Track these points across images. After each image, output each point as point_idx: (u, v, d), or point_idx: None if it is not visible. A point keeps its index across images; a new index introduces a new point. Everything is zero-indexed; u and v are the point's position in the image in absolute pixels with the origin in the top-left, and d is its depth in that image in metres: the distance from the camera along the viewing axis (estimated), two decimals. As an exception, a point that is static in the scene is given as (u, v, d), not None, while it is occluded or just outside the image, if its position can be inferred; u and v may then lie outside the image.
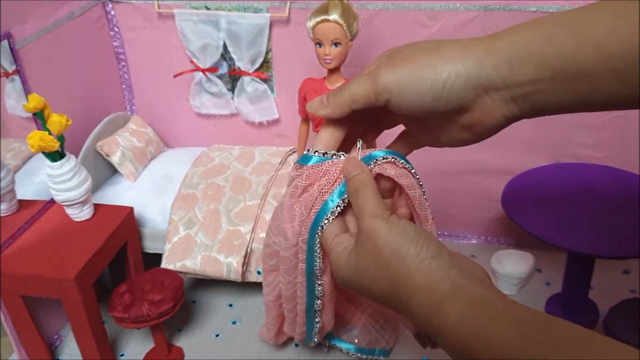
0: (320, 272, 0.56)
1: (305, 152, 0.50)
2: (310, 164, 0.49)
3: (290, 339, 0.86)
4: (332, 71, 0.73)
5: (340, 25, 0.69)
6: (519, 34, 0.44)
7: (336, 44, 0.70)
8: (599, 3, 0.43)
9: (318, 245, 0.51)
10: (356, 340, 0.80)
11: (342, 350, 0.81)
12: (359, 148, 0.50)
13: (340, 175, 0.49)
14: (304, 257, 0.56)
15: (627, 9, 0.42)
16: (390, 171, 0.48)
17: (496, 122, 0.47)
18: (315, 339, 0.76)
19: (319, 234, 0.50)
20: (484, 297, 0.39)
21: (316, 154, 0.50)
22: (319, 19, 0.68)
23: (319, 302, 0.66)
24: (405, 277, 0.42)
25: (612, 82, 0.42)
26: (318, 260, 0.54)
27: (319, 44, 0.71)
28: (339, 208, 0.48)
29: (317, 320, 0.72)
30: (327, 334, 0.82)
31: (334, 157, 0.49)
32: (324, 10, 0.68)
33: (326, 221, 0.49)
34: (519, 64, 0.44)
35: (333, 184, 0.49)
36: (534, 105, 0.46)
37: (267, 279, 0.77)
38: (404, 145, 0.54)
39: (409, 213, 0.50)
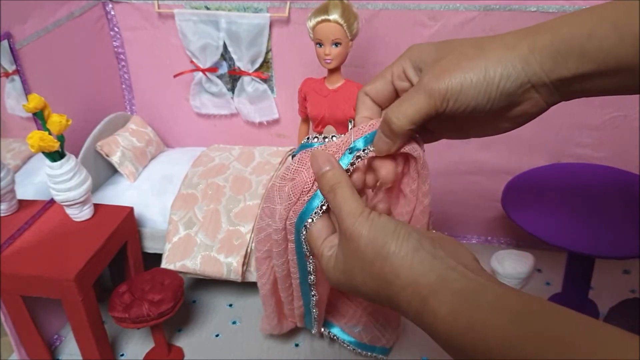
0: (309, 253, 0.54)
1: (304, 141, 0.50)
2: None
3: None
4: (332, 71, 0.73)
5: (341, 25, 0.68)
6: (560, 30, 0.45)
7: (336, 44, 0.70)
8: None
9: (305, 242, 0.51)
10: (358, 336, 0.80)
11: (343, 342, 0.81)
12: (350, 129, 0.49)
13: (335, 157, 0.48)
14: (293, 238, 0.55)
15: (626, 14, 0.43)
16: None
17: (539, 110, 0.49)
18: (315, 315, 0.76)
19: (304, 232, 0.49)
20: (472, 288, 0.39)
21: (315, 140, 0.50)
22: (319, 18, 0.68)
23: (312, 277, 0.64)
24: (391, 275, 0.42)
25: None
26: (305, 247, 0.53)
27: (319, 44, 0.71)
28: (323, 207, 0.48)
29: (313, 293, 0.72)
30: (329, 324, 0.82)
31: (325, 140, 0.49)
32: (324, 10, 0.68)
33: (310, 220, 0.48)
34: (562, 60, 0.45)
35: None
36: (575, 93, 0.47)
37: (261, 268, 0.77)
38: (431, 139, 0.54)
39: (387, 208, 0.50)
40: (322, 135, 0.49)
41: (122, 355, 0.86)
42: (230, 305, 0.94)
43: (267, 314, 0.81)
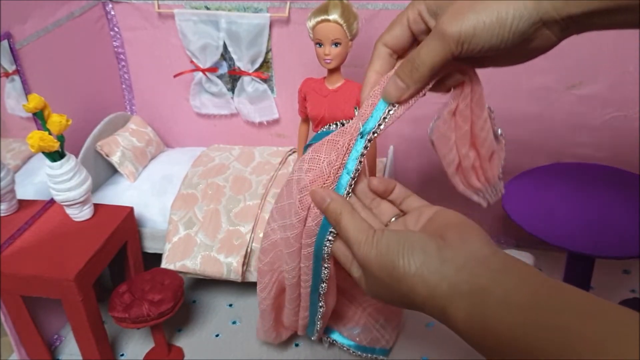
0: (328, 257, 0.56)
1: (322, 129, 0.57)
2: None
3: (289, 339, 0.86)
4: (332, 71, 0.73)
5: (340, 25, 0.68)
6: None
7: (336, 44, 0.70)
8: None
9: (327, 247, 0.53)
10: (357, 339, 0.80)
11: (342, 346, 0.81)
12: (357, 115, 0.52)
13: (349, 146, 0.52)
14: (312, 241, 0.56)
15: None
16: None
17: (551, 45, 0.50)
18: (318, 327, 0.76)
19: (330, 239, 0.52)
20: (481, 285, 0.40)
21: (334, 127, 0.55)
22: (319, 18, 0.68)
23: (324, 285, 0.65)
24: (411, 293, 0.43)
25: None
26: (326, 251, 0.55)
27: (319, 44, 0.70)
28: (349, 195, 0.51)
29: (320, 304, 0.72)
30: (328, 329, 0.82)
31: (338, 126, 0.53)
32: (324, 10, 0.68)
33: (327, 247, 0.52)
34: None
35: (343, 157, 0.52)
36: (585, 28, 0.48)
37: (263, 281, 0.76)
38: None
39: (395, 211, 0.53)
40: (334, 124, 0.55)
41: (122, 355, 0.86)
42: (230, 305, 0.94)
43: (266, 329, 0.79)
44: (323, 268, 0.61)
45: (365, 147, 0.51)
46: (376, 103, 0.52)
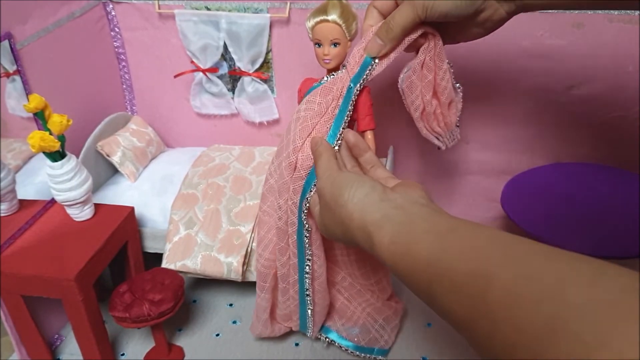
0: (308, 233, 0.69)
1: (312, 86, 0.73)
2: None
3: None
4: (331, 71, 0.73)
5: (339, 25, 0.68)
6: None
7: (335, 44, 0.70)
8: None
9: (306, 209, 0.65)
10: (355, 339, 0.80)
11: (340, 347, 0.81)
12: (345, 69, 0.69)
13: (342, 92, 0.68)
14: (295, 219, 0.69)
15: None
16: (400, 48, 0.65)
17: (500, 17, 0.63)
18: (310, 323, 0.78)
19: (306, 205, 0.65)
20: (411, 219, 0.45)
21: (325, 79, 0.72)
22: (318, 19, 0.68)
23: (308, 280, 0.74)
24: (347, 219, 0.50)
25: None
26: (306, 223, 0.67)
27: (318, 44, 0.70)
28: (342, 133, 0.67)
29: (307, 293, 0.76)
30: (326, 329, 0.82)
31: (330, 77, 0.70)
32: (322, 10, 0.68)
33: (310, 193, 0.64)
34: None
35: (338, 100, 0.68)
36: (524, 3, 0.61)
37: (263, 278, 0.79)
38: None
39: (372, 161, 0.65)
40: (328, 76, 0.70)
41: (123, 354, 0.86)
42: (231, 305, 0.94)
43: (261, 323, 0.82)
44: (306, 248, 0.70)
45: (355, 94, 0.66)
46: (361, 61, 0.66)
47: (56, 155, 0.77)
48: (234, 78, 1.03)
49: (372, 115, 0.73)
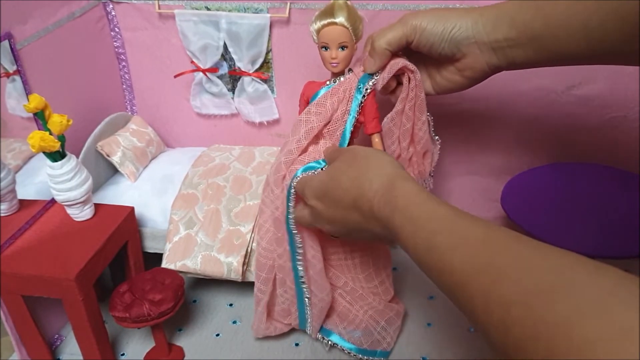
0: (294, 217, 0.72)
1: (317, 91, 0.75)
2: None
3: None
4: (337, 74, 0.73)
5: (347, 28, 0.67)
6: (503, 6, 0.64)
7: (343, 47, 0.69)
8: None
9: (293, 192, 0.70)
10: (358, 342, 0.80)
11: (343, 349, 0.81)
12: (351, 73, 0.73)
13: (350, 96, 0.71)
14: (284, 203, 0.72)
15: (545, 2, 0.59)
16: (394, 66, 0.69)
17: (482, 68, 0.67)
18: (309, 319, 0.79)
19: (294, 181, 0.69)
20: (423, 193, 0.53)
21: (328, 83, 0.75)
22: (325, 21, 0.67)
23: (301, 268, 0.76)
24: (374, 166, 0.57)
25: (555, 45, 0.61)
26: (292, 207, 0.72)
27: (325, 47, 0.69)
28: (309, 173, 0.69)
29: (303, 283, 0.78)
30: (328, 332, 0.82)
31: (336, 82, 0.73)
32: (329, 13, 0.67)
33: (299, 176, 0.70)
34: (498, 24, 0.62)
35: (347, 104, 0.71)
36: (507, 58, 0.65)
37: (261, 270, 0.80)
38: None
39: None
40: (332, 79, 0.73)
41: (123, 354, 0.86)
42: (231, 305, 0.94)
43: (259, 320, 0.82)
44: (295, 235, 0.73)
45: (364, 94, 0.70)
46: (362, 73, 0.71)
47: (56, 155, 0.77)
48: (234, 78, 1.03)
49: (378, 118, 0.73)
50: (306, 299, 0.79)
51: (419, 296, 0.93)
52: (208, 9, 0.97)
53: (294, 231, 0.73)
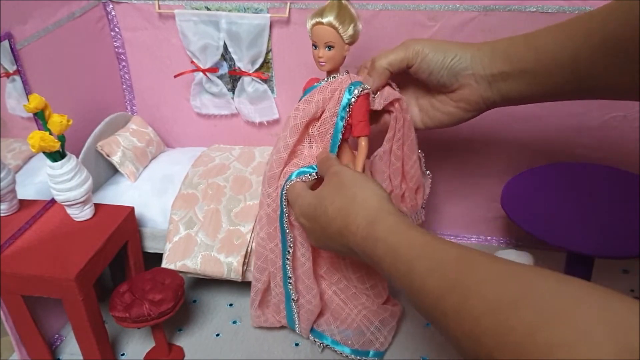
0: (287, 218, 0.74)
1: (307, 88, 0.75)
2: None
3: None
4: (330, 73, 0.73)
5: (334, 28, 0.67)
6: (500, 40, 0.66)
7: (330, 47, 0.69)
8: (553, 25, 0.63)
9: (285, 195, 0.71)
10: (349, 342, 0.79)
11: (335, 351, 0.81)
12: (347, 74, 0.72)
13: (339, 96, 0.70)
14: (278, 205, 0.73)
15: (557, 27, 0.62)
16: (390, 96, 0.71)
17: (476, 101, 0.68)
18: (296, 318, 0.80)
19: (287, 185, 0.71)
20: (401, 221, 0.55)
21: (323, 80, 0.74)
22: (314, 21, 0.68)
23: (289, 267, 0.77)
24: (360, 198, 0.58)
25: (546, 78, 0.62)
26: (286, 208, 0.72)
27: (315, 45, 0.70)
28: (302, 179, 0.71)
29: (290, 281, 0.79)
30: (320, 335, 0.82)
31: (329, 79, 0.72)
32: (319, 12, 0.68)
33: (295, 179, 0.71)
34: (494, 59, 0.65)
35: (335, 106, 0.70)
36: (501, 92, 0.66)
37: (258, 261, 0.81)
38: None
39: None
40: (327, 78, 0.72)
41: (123, 354, 0.86)
42: (231, 304, 0.94)
43: (255, 305, 0.85)
44: (287, 234, 0.74)
45: (354, 96, 0.69)
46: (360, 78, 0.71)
47: (56, 155, 0.77)
48: (234, 78, 1.03)
49: (367, 121, 0.72)
50: (292, 302, 0.79)
51: (419, 296, 0.93)
52: (208, 9, 0.97)
53: (286, 230, 0.74)
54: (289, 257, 0.76)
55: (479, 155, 1.00)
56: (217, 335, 0.88)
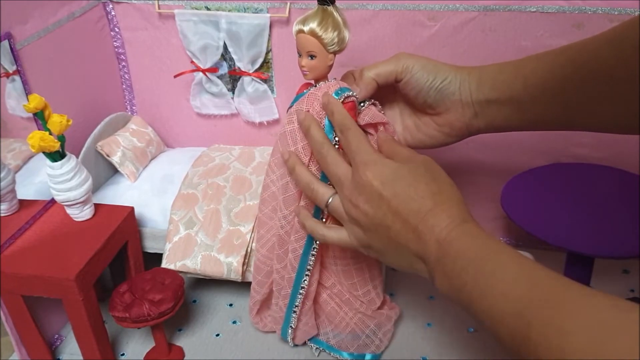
0: (315, 252, 0.72)
1: (298, 94, 0.72)
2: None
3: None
4: (317, 80, 0.70)
5: (316, 37, 0.63)
6: (487, 68, 0.64)
7: (312, 56, 0.65)
8: (543, 52, 0.63)
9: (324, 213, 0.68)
10: (344, 346, 0.79)
11: (330, 354, 0.81)
12: (334, 80, 0.69)
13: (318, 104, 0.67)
14: (305, 234, 0.70)
15: (547, 55, 0.61)
16: (376, 117, 0.66)
17: (460, 127, 0.66)
18: (290, 331, 0.80)
19: (326, 208, 0.64)
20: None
21: (311, 88, 0.69)
22: (297, 28, 0.65)
23: (300, 297, 0.76)
24: (456, 200, 0.58)
25: (534, 107, 0.61)
26: (316, 242, 0.71)
27: (299, 53, 0.67)
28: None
29: (294, 316, 0.78)
30: (315, 340, 0.82)
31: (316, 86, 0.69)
32: (302, 20, 0.64)
33: (329, 199, 0.64)
34: (482, 85, 0.63)
35: (319, 111, 0.67)
36: (486, 118, 0.65)
37: (259, 274, 0.80)
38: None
39: None
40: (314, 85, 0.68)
41: (123, 354, 0.86)
42: (231, 305, 0.94)
43: (254, 312, 0.84)
44: (312, 251, 0.72)
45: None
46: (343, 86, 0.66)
47: (56, 155, 0.77)
48: (234, 78, 1.03)
49: None
50: (290, 329, 0.80)
51: (418, 296, 0.93)
52: (208, 9, 0.97)
53: (310, 264, 0.73)
54: (304, 286, 0.74)
55: (479, 155, 1.00)
56: (217, 335, 0.88)
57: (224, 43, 0.98)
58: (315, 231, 0.64)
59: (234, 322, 0.91)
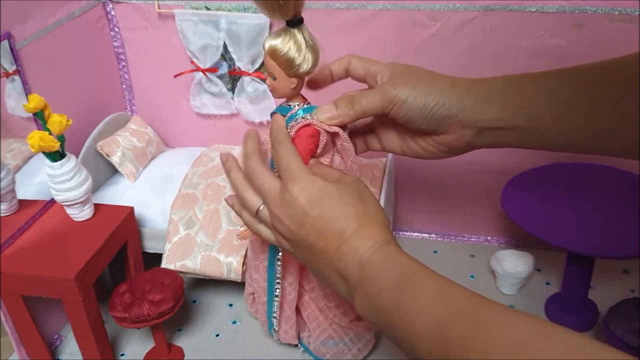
0: (280, 262, 0.71)
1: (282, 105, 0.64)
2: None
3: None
4: (288, 100, 0.65)
5: (274, 59, 0.58)
6: (500, 79, 0.58)
7: (273, 77, 0.60)
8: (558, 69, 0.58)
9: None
10: (321, 353, 0.78)
11: (311, 357, 0.81)
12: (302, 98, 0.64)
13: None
14: (264, 248, 0.71)
15: (571, 72, 0.56)
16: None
17: (460, 147, 0.62)
18: (275, 326, 0.79)
19: None
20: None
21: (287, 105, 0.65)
22: (262, 45, 0.60)
23: (276, 303, 0.76)
24: (380, 222, 0.52)
25: (556, 127, 0.57)
26: (279, 251, 0.70)
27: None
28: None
29: (275, 321, 0.78)
30: (301, 342, 0.82)
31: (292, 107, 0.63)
32: (268, 37, 0.59)
33: None
34: (490, 103, 0.57)
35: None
36: (491, 140, 0.61)
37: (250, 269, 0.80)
38: (376, 143, 0.69)
39: None
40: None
41: (123, 355, 0.86)
42: (230, 305, 0.94)
43: (249, 300, 0.85)
44: (277, 262, 0.71)
45: (290, 127, 0.61)
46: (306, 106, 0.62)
47: (56, 155, 0.77)
48: (233, 78, 1.03)
49: (307, 157, 0.61)
50: (273, 331, 0.80)
51: (418, 296, 0.93)
52: (208, 9, 0.97)
53: (277, 275, 0.74)
54: (277, 294, 0.75)
55: (479, 155, 1.00)
56: (217, 335, 0.88)
57: (224, 43, 0.98)
58: (251, 224, 0.62)
59: (234, 322, 0.91)
